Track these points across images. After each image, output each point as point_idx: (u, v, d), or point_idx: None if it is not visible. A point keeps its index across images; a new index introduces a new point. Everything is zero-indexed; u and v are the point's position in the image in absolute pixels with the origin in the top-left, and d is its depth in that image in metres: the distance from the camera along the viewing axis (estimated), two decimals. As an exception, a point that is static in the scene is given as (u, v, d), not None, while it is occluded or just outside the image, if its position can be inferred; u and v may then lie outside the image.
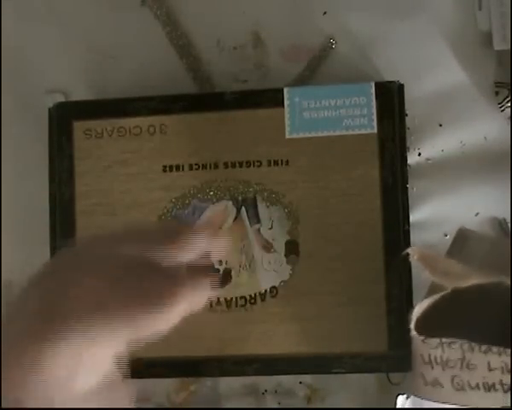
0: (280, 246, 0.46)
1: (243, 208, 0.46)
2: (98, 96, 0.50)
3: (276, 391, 0.48)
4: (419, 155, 0.47)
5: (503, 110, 0.46)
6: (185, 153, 0.47)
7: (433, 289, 0.39)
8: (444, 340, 0.39)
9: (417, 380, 0.40)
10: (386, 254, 0.45)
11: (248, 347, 0.45)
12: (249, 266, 0.46)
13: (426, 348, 0.39)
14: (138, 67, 0.50)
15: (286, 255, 0.45)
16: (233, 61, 0.50)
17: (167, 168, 0.47)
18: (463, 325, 0.38)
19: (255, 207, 0.46)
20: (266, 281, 0.46)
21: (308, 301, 0.45)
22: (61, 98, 0.50)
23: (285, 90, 0.46)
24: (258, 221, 0.46)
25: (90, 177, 0.47)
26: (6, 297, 0.50)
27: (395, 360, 0.44)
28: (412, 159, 0.47)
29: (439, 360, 0.39)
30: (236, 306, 0.46)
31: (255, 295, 0.46)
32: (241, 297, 0.46)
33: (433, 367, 0.39)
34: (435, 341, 0.39)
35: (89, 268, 0.33)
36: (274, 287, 0.45)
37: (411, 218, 0.45)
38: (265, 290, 0.46)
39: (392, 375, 0.47)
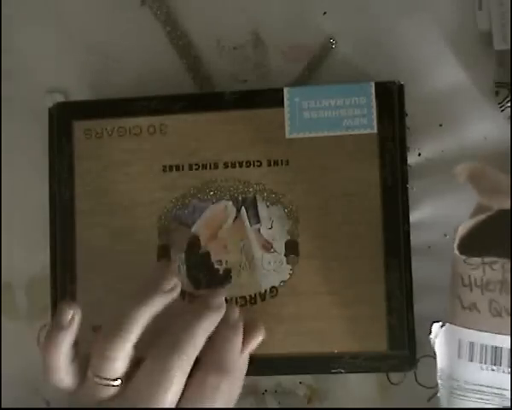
0: (280, 246, 0.46)
1: (243, 208, 0.46)
2: (98, 96, 0.50)
3: (276, 391, 0.48)
4: (419, 155, 0.47)
5: (503, 110, 0.46)
6: (185, 153, 0.47)
7: (478, 209, 0.39)
8: (486, 260, 0.38)
9: (454, 304, 0.39)
10: (386, 254, 0.45)
11: (248, 347, 0.45)
12: (249, 266, 0.46)
13: (466, 268, 0.39)
14: (138, 66, 0.50)
15: (286, 255, 0.45)
16: (233, 61, 0.50)
17: (167, 168, 0.47)
18: (508, 245, 0.38)
19: (255, 207, 0.46)
20: (266, 281, 0.46)
21: (308, 301, 0.45)
22: (61, 98, 0.50)
23: (285, 90, 0.46)
24: (258, 221, 0.46)
25: (90, 177, 0.47)
26: (6, 298, 0.50)
27: (395, 360, 0.44)
28: (412, 159, 0.47)
29: (478, 283, 0.38)
30: (236, 306, 0.46)
31: (255, 295, 0.46)
32: (241, 297, 0.46)
33: (471, 290, 0.39)
34: (477, 260, 0.38)
35: None
36: (274, 287, 0.45)
37: (411, 218, 0.45)
38: (265, 290, 0.46)
39: (392, 375, 0.47)
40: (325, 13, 0.49)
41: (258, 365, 0.45)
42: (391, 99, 0.45)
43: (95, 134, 0.47)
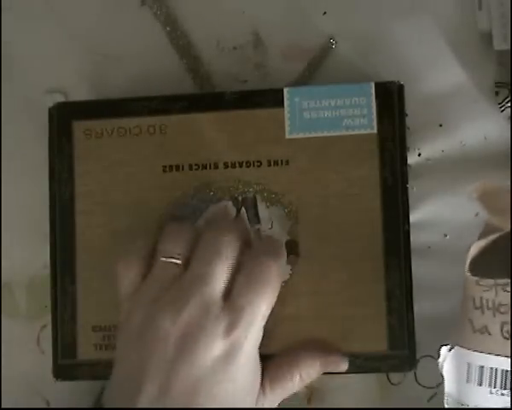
0: (280, 246, 0.46)
1: (243, 208, 0.46)
2: (98, 96, 0.50)
3: (276, 391, 0.48)
4: (419, 155, 0.48)
5: (503, 110, 0.46)
6: (185, 153, 0.47)
7: (487, 230, 0.38)
8: (498, 281, 0.38)
9: (465, 327, 0.39)
10: (386, 254, 0.45)
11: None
12: (249, 266, 0.46)
13: (478, 290, 0.38)
14: (138, 66, 0.50)
15: (286, 255, 0.45)
16: (233, 61, 0.50)
17: (167, 168, 0.47)
18: None
19: (255, 207, 0.46)
20: (266, 281, 0.45)
21: (308, 301, 0.45)
22: (61, 98, 0.50)
23: (285, 90, 0.46)
24: (258, 221, 0.46)
25: (89, 177, 0.47)
26: (6, 298, 0.50)
27: (395, 360, 0.44)
28: (412, 159, 0.47)
29: (490, 305, 0.38)
30: None
31: (255, 295, 0.45)
32: (241, 297, 0.46)
33: (483, 312, 0.38)
34: (489, 282, 0.38)
35: None
36: (274, 287, 0.45)
37: (411, 218, 0.45)
38: (265, 290, 0.45)
39: (392, 375, 0.47)
40: (325, 13, 0.49)
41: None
42: (391, 99, 0.45)
43: (95, 134, 0.47)
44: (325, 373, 0.44)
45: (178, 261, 0.41)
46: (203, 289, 0.39)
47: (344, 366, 0.44)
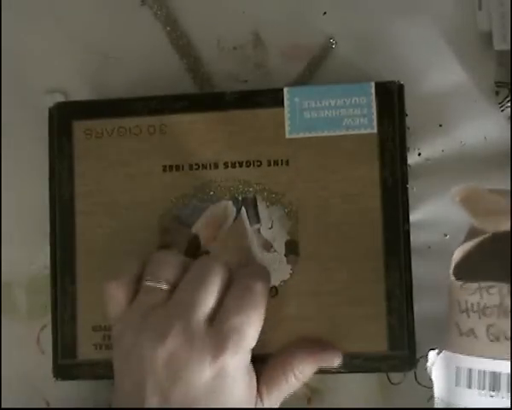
0: (280, 246, 0.46)
1: (243, 208, 0.46)
2: (98, 96, 0.50)
3: (276, 391, 0.48)
4: (419, 155, 0.48)
5: (503, 110, 0.46)
6: (185, 153, 0.47)
7: (472, 233, 0.38)
8: (482, 284, 0.38)
9: (451, 331, 0.39)
10: (386, 254, 0.45)
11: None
12: (249, 266, 0.46)
13: (463, 294, 0.38)
14: (138, 66, 0.50)
15: (286, 255, 0.45)
16: (233, 61, 0.50)
17: (167, 168, 0.47)
18: (504, 268, 0.37)
19: (255, 207, 0.46)
20: (266, 281, 0.46)
21: (308, 301, 0.45)
22: (61, 98, 0.50)
23: (285, 90, 0.46)
24: (258, 221, 0.46)
25: (89, 177, 0.47)
26: (6, 298, 0.50)
27: (395, 360, 0.44)
28: (412, 159, 0.47)
29: (475, 308, 0.38)
30: None
31: (255, 295, 0.45)
32: (241, 297, 0.46)
33: (469, 316, 0.38)
34: (474, 285, 0.38)
35: None
36: (274, 287, 0.45)
37: (411, 218, 0.45)
38: (265, 290, 0.45)
39: (392, 375, 0.47)
40: (325, 13, 0.49)
41: (258, 365, 0.45)
42: (391, 99, 0.45)
43: (95, 134, 0.47)
44: (322, 372, 0.44)
45: (164, 286, 0.40)
46: (187, 314, 0.39)
47: (338, 360, 0.44)
